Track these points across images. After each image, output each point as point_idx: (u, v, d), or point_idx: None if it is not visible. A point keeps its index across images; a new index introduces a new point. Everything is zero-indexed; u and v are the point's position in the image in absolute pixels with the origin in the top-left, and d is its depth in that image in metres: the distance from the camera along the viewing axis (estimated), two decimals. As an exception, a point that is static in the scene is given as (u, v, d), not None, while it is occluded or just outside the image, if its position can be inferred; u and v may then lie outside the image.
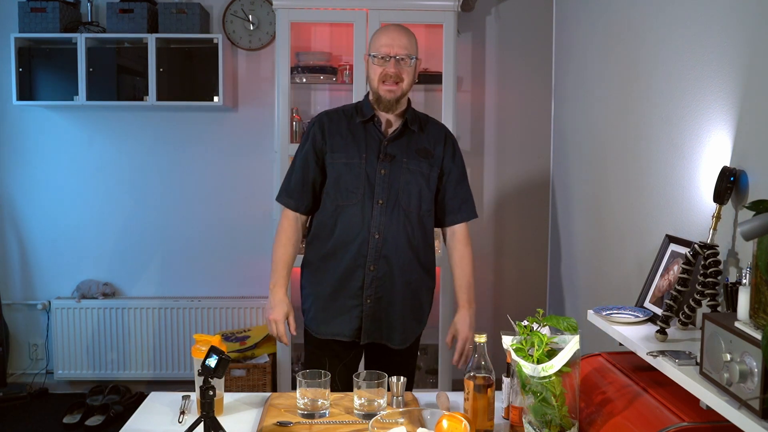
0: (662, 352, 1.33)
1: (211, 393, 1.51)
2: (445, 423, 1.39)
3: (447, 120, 3.22)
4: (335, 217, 2.10)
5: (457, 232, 2.21)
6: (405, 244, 2.10)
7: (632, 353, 1.46)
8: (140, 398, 2.99)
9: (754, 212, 1.18)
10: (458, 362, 2.15)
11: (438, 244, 2.77)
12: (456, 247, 2.21)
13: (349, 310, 2.12)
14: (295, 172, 2.16)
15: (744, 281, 1.15)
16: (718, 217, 1.43)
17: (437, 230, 2.26)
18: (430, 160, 2.14)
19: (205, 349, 1.58)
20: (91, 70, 3.44)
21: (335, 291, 2.12)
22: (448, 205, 2.19)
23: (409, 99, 2.18)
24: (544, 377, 1.33)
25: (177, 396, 1.79)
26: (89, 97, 3.44)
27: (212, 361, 1.51)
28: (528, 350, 1.37)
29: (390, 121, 2.14)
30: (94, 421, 3.33)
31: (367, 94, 2.18)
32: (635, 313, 1.59)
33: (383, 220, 2.08)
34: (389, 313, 2.13)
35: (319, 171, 2.13)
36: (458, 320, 2.18)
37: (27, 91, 3.49)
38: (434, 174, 2.14)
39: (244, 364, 3.39)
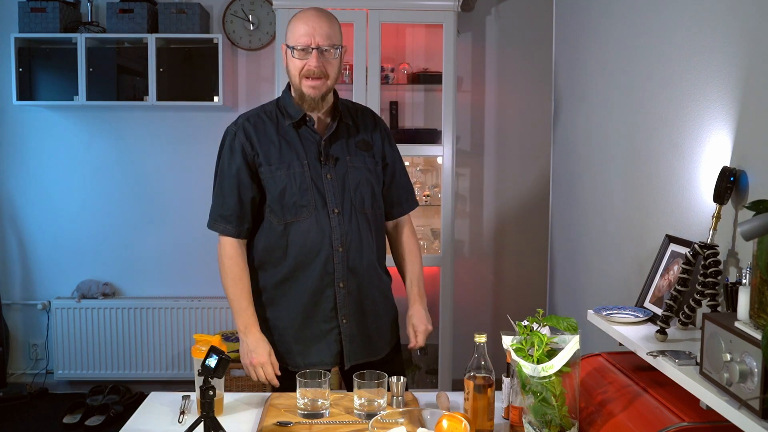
0: (662, 352, 1.33)
1: (211, 393, 1.51)
2: (445, 423, 1.39)
3: (447, 120, 3.23)
4: (286, 236, 1.86)
5: (405, 224, 2.06)
6: (368, 250, 1.91)
7: (632, 353, 1.46)
8: (140, 398, 2.99)
9: (754, 212, 1.18)
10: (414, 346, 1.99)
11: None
12: (403, 241, 2.05)
13: (325, 334, 1.90)
14: (226, 193, 1.88)
15: (744, 281, 1.14)
16: (718, 217, 1.43)
17: None
18: (372, 151, 1.94)
19: (205, 349, 1.58)
20: (91, 70, 3.44)
21: (306, 317, 1.89)
22: (395, 196, 2.02)
23: (335, 90, 1.93)
24: (544, 377, 1.33)
25: (177, 396, 1.79)
26: (89, 97, 3.45)
27: (212, 361, 1.51)
28: (528, 350, 1.37)
29: (321, 118, 1.91)
30: (94, 421, 3.33)
31: (288, 88, 1.92)
32: (635, 313, 1.59)
33: (344, 231, 1.86)
34: (367, 327, 1.94)
35: (257, 188, 1.87)
36: (413, 316, 1.99)
37: (27, 91, 3.49)
38: (379, 166, 1.96)
39: (244, 364, 3.39)
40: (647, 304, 1.66)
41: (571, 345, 1.33)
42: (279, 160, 1.85)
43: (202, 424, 1.51)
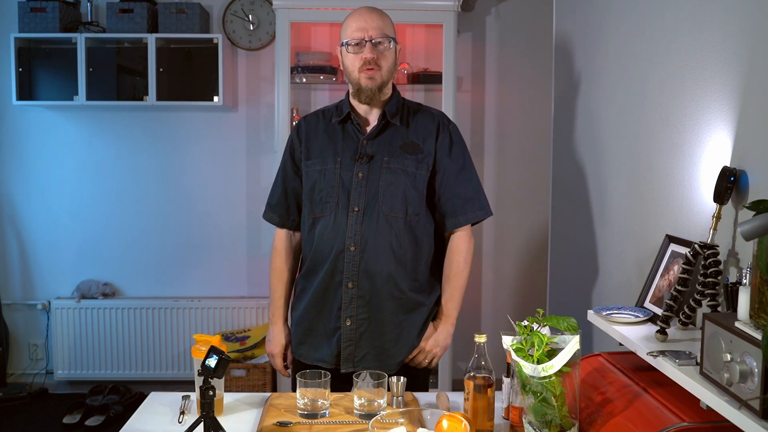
0: (662, 352, 1.33)
1: (211, 393, 1.51)
2: (445, 423, 1.39)
3: (447, 120, 3.22)
4: (313, 231, 1.91)
5: (455, 238, 1.95)
6: (389, 255, 1.85)
7: (632, 353, 1.46)
8: (140, 398, 2.99)
9: (754, 212, 1.18)
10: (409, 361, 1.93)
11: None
12: (448, 257, 1.96)
13: (331, 333, 1.90)
14: (276, 185, 2.02)
15: (744, 281, 1.14)
16: (718, 217, 1.43)
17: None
18: (418, 156, 1.89)
19: (205, 349, 1.58)
20: (91, 70, 3.44)
21: (317, 312, 1.92)
22: (447, 206, 1.93)
23: (395, 88, 1.96)
24: (544, 377, 1.33)
25: (177, 396, 1.79)
26: (89, 97, 3.45)
27: (212, 361, 1.51)
28: (528, 350, 1.37)
29: (369, 119, 1.94)
30: (94, 421, 3.33)
31: (348, 91, 1.96)
32: (635, 313, 1.59)
33: (359, 230, 1.84)
34: (380, 334, 1.89)
35: (300, 182, 1.96)
36: (426, 337, 1.94)
37: (27, 91, 3.49)
38: (422, 172, 1.89)
39: (244, 364, 3.40)
40: (647, 304, 1.66)
41: (571, 345, 1.33)
42: (317, 156, 1.93)
43: (202, 424, 1.51)
